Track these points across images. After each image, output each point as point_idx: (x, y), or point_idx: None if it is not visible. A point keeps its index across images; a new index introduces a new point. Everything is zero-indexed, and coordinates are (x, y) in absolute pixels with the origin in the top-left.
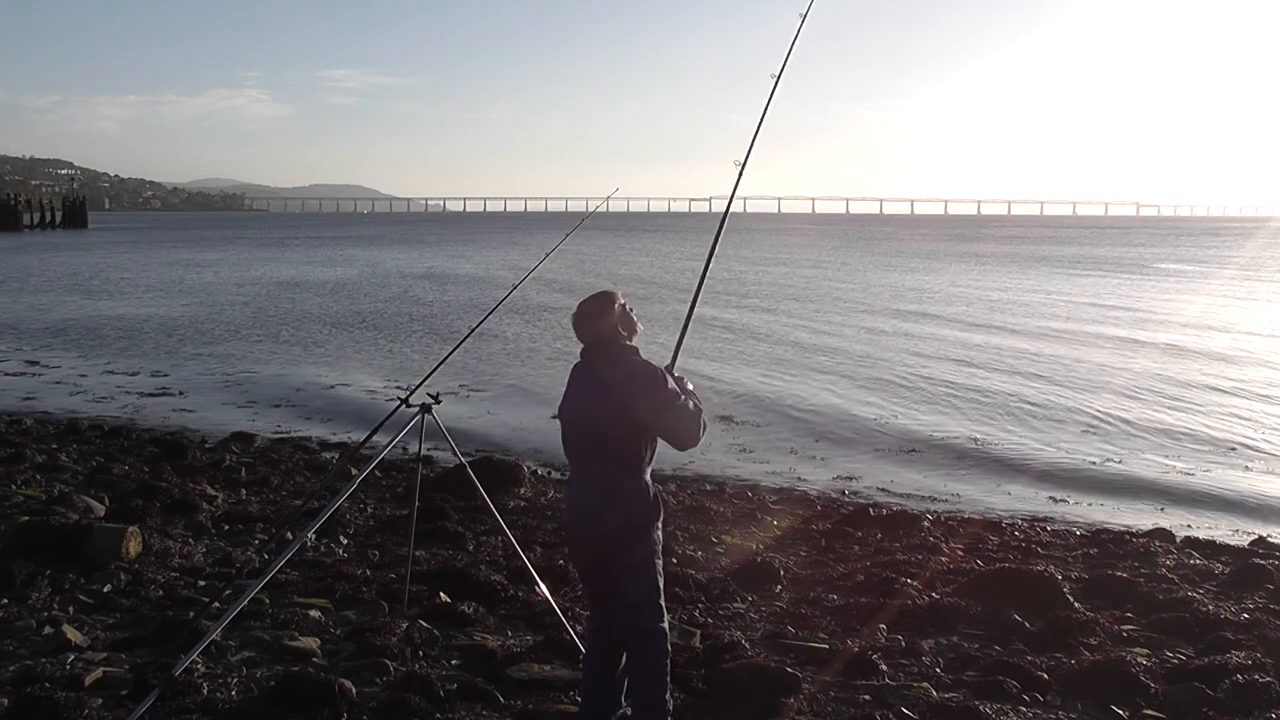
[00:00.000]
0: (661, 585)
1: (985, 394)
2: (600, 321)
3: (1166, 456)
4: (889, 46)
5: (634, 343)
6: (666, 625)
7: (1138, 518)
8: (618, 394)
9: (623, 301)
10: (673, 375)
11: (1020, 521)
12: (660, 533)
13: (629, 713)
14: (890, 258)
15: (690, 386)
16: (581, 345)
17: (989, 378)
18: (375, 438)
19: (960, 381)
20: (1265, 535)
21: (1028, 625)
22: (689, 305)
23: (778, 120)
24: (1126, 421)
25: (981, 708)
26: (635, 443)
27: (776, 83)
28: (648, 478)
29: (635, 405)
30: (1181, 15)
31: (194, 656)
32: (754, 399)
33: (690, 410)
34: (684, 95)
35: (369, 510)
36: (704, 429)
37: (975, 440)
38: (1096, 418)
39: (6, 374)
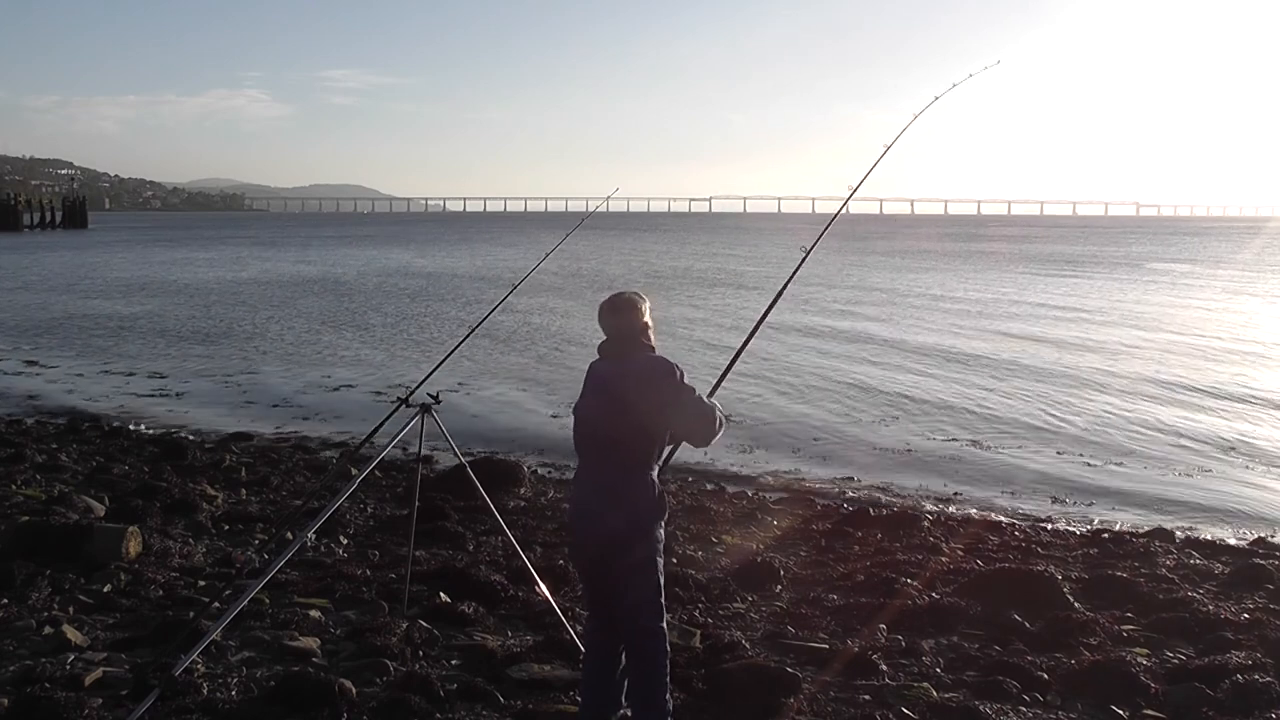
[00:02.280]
0: (662, 585)
1: (985, 394)
2: (626, 317)
3: (1166, 457)
4: (889, 46)
5: (650, 342)
6: (666, 625)
7: (1138, 518)
8: (619, 392)
9: (648, 307)
10: (712, 393)
11: (1020, 521)
12: (662, 532)
13: (629, 713)
14: (887, 257)
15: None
16: (601, 342)
17: (989, 378)
18: (375, 438)
19: (961, 382)
20: (1265, 535)
21: (1028, 625)
22: (743, 340)
23: (778, 120)
24: (1126, 421)
25: (981, 708)
26: (637, 442)
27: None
28: (653, 476)
29: (636, 403)
30: (1181, 15)
31: (194, 656)
32: (754, 398)
33: (704, 404)
34: (684, 95)
35: (369, 510)
36: (722, 426)
37: (975, 440)
38: (1096, 418)
39: (6, 374)
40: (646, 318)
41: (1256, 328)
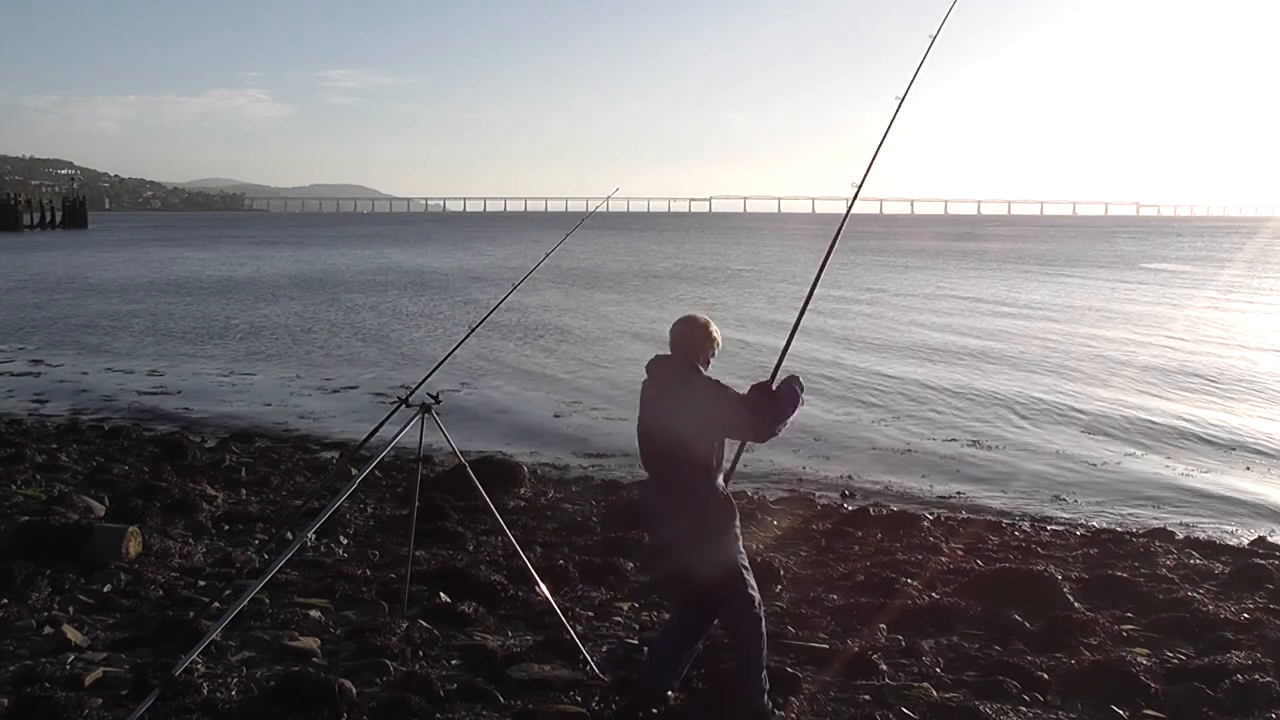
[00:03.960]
0: (743, 574)
1: (986, 394)
2: (691, 339)
3: (1166, 456)
4: (889, 45)
5: (704, 367)
6: (759, 608)
7: (1138, 518)
8: (664, 413)
9: (716, 336)
10: (773, 380)
11: (1020, 521)
12: (737, 530)
13: (674, 691)
14: (887, 256)
15: (776, 388)
16: (652, 358)
17: (989, 378)
18: (375, 438)
19: (961, 382)
20: (1265, 535)
21: (1028, 625)
22: (795, 320)
23: (778, 120)
24: (1126, 422)
25: (981, 708)
26: (697, 452)
27: (900, 103)
28: (710, 481)
29: (679, 424)
30: (1182, 15)
31: (194, 656)
32: None
33: (746, 415)
34: (684, 95)
35: (369, 510)
36: (775, 424)
37: (975, 441)
38: (1096, 418)
39: (8, 374)
40: (710, 346)
41: (1256, 328)
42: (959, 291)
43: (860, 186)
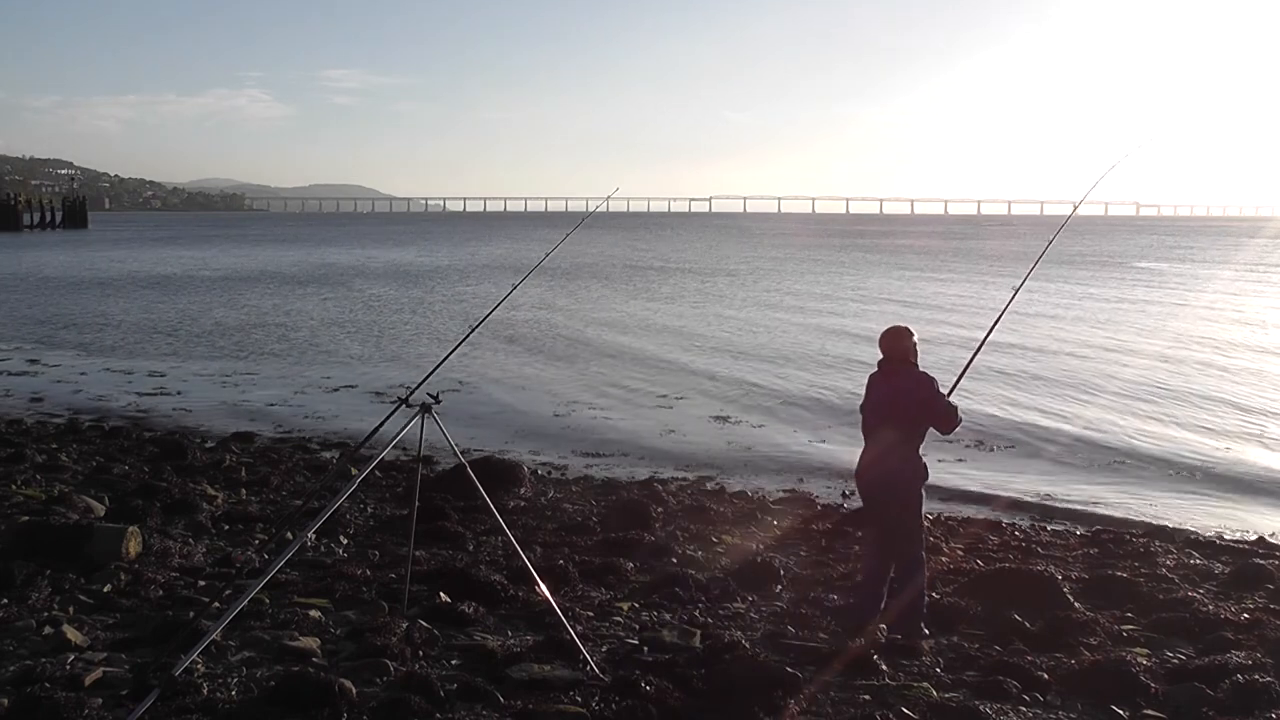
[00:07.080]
0: (920, 525)
1: (985, 394)
2: (900, 344)
3: (1167, 457)
4: (889, 43)
5: (915, 361)
6: (924, 555)
7: (1138, 518)
8: (897, 393)
9: (915, 338)
10: (952, 391)
11: (1020, 521)
12: (923, 491)
13: (886, 628)
14: (882, 255)
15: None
16: (880, 359)
17: (988, 378)
18: (375, 438)
19: (960, 382)
20: (1265, 535)
21: (1028, 625)
22: (978, 345)
23: (778, 120)
24: (1126, 422)
25: (981, 708)
26: (910, 426)
27: None
28: (919, 449)
29: (903, 411)
30: (1182, 13)
31: (194, 656)
32: (754, 399)
33: (950, 405)
34: (684, 94)
35: (369, 510)
36: (960, 420)
37: (975, 440)
38: (1096, 418)
39: (7, 373)
40: (913, 346)
41: (1257, 328)
42: (957, 292)
43: (1089, 190)
